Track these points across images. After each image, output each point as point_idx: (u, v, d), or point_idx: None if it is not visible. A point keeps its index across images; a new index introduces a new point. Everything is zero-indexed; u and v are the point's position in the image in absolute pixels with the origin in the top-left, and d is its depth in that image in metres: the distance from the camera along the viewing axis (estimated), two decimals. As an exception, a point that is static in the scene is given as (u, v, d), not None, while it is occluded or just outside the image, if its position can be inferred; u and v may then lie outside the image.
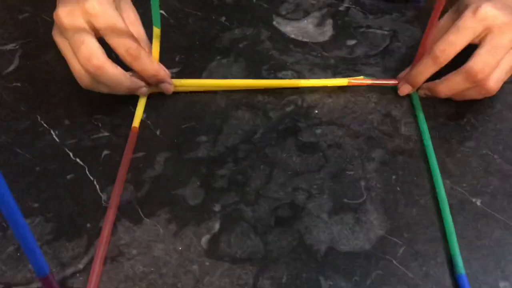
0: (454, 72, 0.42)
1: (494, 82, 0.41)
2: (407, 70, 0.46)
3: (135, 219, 0.38)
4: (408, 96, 0.47)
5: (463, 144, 0.44)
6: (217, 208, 0.39)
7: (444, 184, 0.40)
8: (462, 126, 0.45)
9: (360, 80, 0.47)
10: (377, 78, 0.48)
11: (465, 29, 0.41)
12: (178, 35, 0.55)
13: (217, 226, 0.38)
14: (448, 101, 0.46)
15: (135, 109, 0.46)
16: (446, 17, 0.45)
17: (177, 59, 0.51)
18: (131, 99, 0.47)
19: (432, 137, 0.44)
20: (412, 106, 0.46)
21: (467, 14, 0.41)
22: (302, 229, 0.38)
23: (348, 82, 0.47)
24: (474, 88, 0.42)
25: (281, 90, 0.48)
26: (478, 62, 0.40)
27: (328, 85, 0.47)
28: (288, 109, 0.47)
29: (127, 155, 0.41)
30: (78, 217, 0.38)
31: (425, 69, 0.43)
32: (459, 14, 0.43)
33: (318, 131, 0.45)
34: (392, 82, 0.47)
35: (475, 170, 0.42)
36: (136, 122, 0.44)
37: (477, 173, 0.41)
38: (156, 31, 0.44)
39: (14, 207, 0.22)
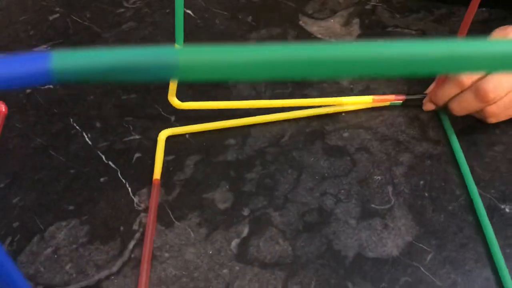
0: (466, 90, 0.41)
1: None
2: (432, 85, 0.45)
3: (167, 222, 0.39)
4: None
5: (491, 148, 0.43)
6: (246, 212, 0.40)
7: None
8: (491, 129, 0.45)
9: (384, 96, 0.46)
10: (401, 93, 0.47)
11: None
12: (205, 35, 0.55)
13: (246, 230, 0.39)
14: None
15: (164, 111, 0.47)
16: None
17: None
18: (159, 102, 0.48)
19: (459, 141, 0.44)
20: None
21: None
22: (330, 234, 0.38)
23: (373, 100, 0.46)
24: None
25: (308, 92, 0.48)
26: (489, 82, 0.39)
27: (351, 108, 0.46)
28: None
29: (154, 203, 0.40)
30: (111, 220, 0.40)
31: (449, 92, 0.42)
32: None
33: (346, 134, 0.45)
34: (417, 96, 0.46)
35: (504, 175, 0.41)
36: (157, 174, 0.42)
37: (506, 178, 0.41)
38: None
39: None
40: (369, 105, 0.46)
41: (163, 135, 0.44)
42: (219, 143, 0.45)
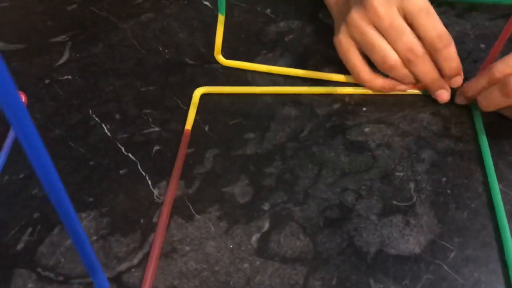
0: (495, 85, 0.40)
1: None
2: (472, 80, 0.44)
3: (187, 215, 0.39)
4: (459, 94, 0.46)
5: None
6: (266, 206, 0.40)
7: (495, 188, 0.40)
8: (515, 126, 0.44)
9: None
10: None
11: None
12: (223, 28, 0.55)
13: (266, 225, 0.38)
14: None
15: (183, 104, 0.47)
16: None
17: (222, 53, 0.51)
18: (178, 93, 0.47)
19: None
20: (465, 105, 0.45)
21: None
22: (351, 230, 0.38)
23: None
24: None
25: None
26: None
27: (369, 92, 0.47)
28: (336, 106, 0.47)
29: (181, 153, 0.42)
30: (131, 212, 0.39)
31: (479, 84, 0.42)
32: None
33: (366, 129, 0.45)
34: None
35: (528, 173, 0.41)
36: (188, 125, 0.44)
37: (530, 176, 0.41)
38: (221, 18, 0.44)
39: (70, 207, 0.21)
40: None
41: (198, 92, 0.47)
42: (238, 137, 0.44)
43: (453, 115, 0.45)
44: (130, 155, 0.43)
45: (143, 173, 0.42)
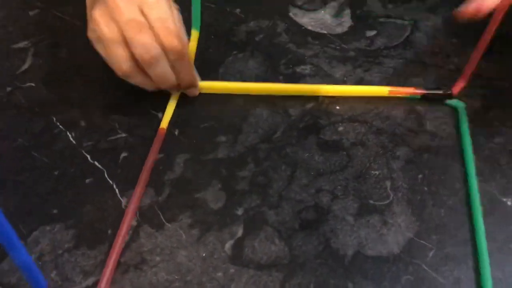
0: None
1: None
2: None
3: (157, 224, 0.37)
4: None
5: (491, 140, 0.42)
6: (239, 211, 0.38)
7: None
8: (489, 120, 0.43)
9: (401, 89, 0.45)
10: (419, 87, 0.45)
11: None
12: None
13: (240, 230, 0.37)
14: (473, 93, 0.45)
15: (152, 108, 0.45)
16: None
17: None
18: (147, 98, 0.46)
19: (458, 133, 0.42)
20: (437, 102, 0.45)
21: None
22: (327, 232, 0.37)
23: (389, 92, 0.45)
24: None
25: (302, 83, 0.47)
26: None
27: (366, 95, 0.45)
28: (309, 105, 0.46)
29: (151, 157, 0.41)
30: (98, 223, 0.38)
31: None
32: None
33: (340, 128, 0.44)
34: (437, 91, 0.44)
35: (504, 167, 0.40)
36: (164, 123, 0.43)
37: (506, 171, 0.40)
38: (195, 34, 0.43)
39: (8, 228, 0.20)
40: (384, 95, 0.45)
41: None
42: (210, 140, 0.43)
43: (427, 111, 0.45)
44: (96, 163, 0.42)
45: (110, 182, 0.40)
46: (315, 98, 0.46)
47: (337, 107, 0.45)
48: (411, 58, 0.49)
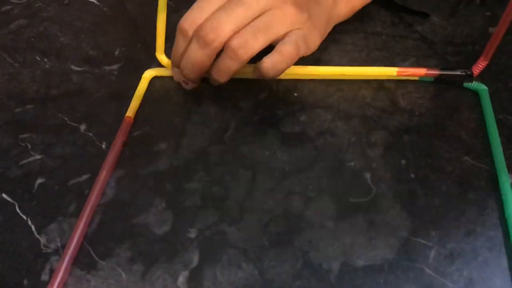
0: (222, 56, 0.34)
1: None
2: None
3: (88, 264, 0.29)
4: (403, 61, 0.40)
5: (472, 110, 0.36)
6: (192, 233, 0.30)
7: (464, 162, 0.33)
8: (469, 90, 0.38)
9: (411, 69, 0.38)
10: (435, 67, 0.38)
11: None
12: (115, 25, 0.45)
13: (195, 258, 0.29)
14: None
15: (71, 119, 0.37)
16: None
17: (117, 53, 0.42)
18: (64, 109, 0.37)
19: (438, 107, 0.37)
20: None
21: None
22: (304, 245, 0.30)
23: (397, 73, 0.38)
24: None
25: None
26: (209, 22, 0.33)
27: (375, 77, 0.39)
28: (262, 95, 0.38)
29: (106, 167, 0.33)
30: (10, 273, 0.29)
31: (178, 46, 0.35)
32: None
33: (302, 117, 0.37)
34: (455, 72, 0.37)
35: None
36: (131, 112, 0.37)
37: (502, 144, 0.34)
38: (162, 14, 0.35)
39: None
40: (392, 77, 0.38)
41: (149, 74, 0.39)
42: (146, 150, 0.35)
43: (397, 87, 0.38)
44: (5, 195, 0.33)
45: (24, 217, 0.32)
46: (268, 86, 0.39)
47: (295, 94, 0.38)
48: (371, 31, 0.43)
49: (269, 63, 0.33)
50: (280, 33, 0.34)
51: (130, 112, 0.36)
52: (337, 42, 0.42)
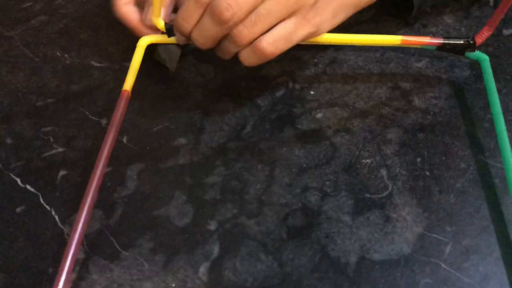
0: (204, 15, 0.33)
1: (268, 43, 0.32)
2: None
3: (111, 254, 0.30)
4: (417, 62, 0.40)
5: (488, 110, 0.37)
6: (212, 226, 0.31)
7: (479, 161, 0.34)
8: (483, 90, 0.38)
9: (416, 38, 0.37)
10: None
11: None
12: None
13: (216, 249, 0.30)
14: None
15: (92, 114, 0.38)
16: None
17: (136, 49, 0.43)
18: (82, 100, 0.38)
19: (452, 107, 0.37)
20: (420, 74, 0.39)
21: None
22: (322, 238, 0.30)
23: (401, 41, 0.37)
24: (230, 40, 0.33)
25: (267, 72, 0.40)
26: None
27: (379, 45, 0.38)
28: (279, 93, 0.39)
29: (104, 153, 0.32)
30: (35, 261, 0.30)
31: (190, 16, 0.33)
32: None
33: (319, 115, 0.37)
34: (458, 41, 0.37)
35: (510, 139, 0.35)
36: (127, 85, 0.35)
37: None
38: None
39: None
40: (396, 44, 0.37)
41: (144, 41, 0.37)
42: (167, 144, 0.36)
43: (413, 86, 0.39)
44: (28, 187, 0.34)
45: (48, 208, 0.32)
46: (284, 83, 0.39)
47: (311, 92, 0.39)
48: (386, 31, 0.44)
49: (269, 39, 0.32)
50: (280, 19, 0.33)
51: (127, 85, 0.35)
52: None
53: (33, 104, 0.39)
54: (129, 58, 0.42)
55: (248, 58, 0.34)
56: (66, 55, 0.43)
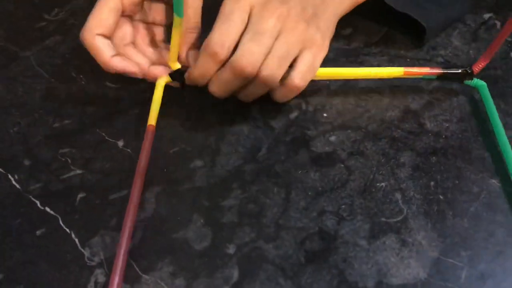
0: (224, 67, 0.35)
1: (299, 79, 0.36)
2: None
3: (132, 277, 0.30)
4: (427, 85, 0.41)
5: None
6: (231, 250, 0.32)
7: (491, 185, 0.34)
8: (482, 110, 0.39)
9: (416, 69, 0.40)
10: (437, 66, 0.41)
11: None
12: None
13: (235, 273, 0.30)
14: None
15: (108, 135, 0.38)
16: None
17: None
18: (100, 123, 0.39)
19: (463, 130, 0.38)
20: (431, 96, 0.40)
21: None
22: (340, 263, 0.31)
23: (404, 72, 0.39)
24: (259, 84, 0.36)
25: (281, 94, 0.41)
26: (243, 55, 0.34)
27: (383, 77, 0.40)
28: (292, 115, 0.40)
29: (138, 178, 0.34)
30: (57, 285, 0.30)
31: (206, 70, 0.36)
32: None
33: (332, 138, 0.38)
34: (455, 70, 0.39)
35: (521, 163, 0.36)
36: (152, 120, 0.37)
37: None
38: (177, 20, 0.35)
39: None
40: (399, 76, 0.40)
41: (162, 81, 0.39)
42: (183, 167, 0.36)
43: (424, 109, 0.40)
44: (48, 209, 0.34)
45: (68, 230, 0.33)
46: (297, 106, 0.40)
47: (324, 114, 0.40)
48: (395, 53, 0.44)
49: (299, 75, 0.36)
50: (296, 54, 0.36)
51: (152, 120, 0.37)
52: (363, 64, 0.43)
53: (50, 125, 0.39)
54: (143, 79, 0.42)
55: (284, 97, 0.38)
56: (81, 76, 0.44)
